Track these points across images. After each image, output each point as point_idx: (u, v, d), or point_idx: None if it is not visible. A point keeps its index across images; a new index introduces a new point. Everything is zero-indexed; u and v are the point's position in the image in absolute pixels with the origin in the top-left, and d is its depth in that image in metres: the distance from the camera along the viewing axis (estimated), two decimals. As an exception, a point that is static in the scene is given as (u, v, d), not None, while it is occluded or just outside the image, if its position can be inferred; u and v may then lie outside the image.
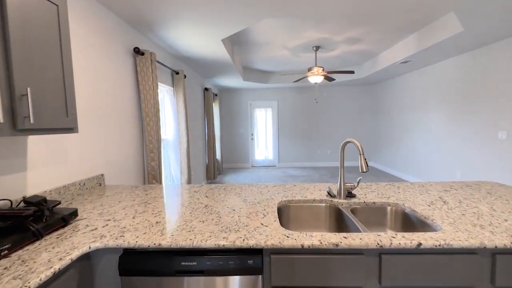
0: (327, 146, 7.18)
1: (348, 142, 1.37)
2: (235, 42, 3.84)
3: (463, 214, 1.17)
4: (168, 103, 3.47)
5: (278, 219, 1.18)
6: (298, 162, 7.25)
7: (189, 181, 3.60)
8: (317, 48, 4.09)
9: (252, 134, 7.26)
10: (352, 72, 3.91)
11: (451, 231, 1.00)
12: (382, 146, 6.44)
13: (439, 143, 4.34)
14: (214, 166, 5.50)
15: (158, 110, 2.64)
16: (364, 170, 1.26)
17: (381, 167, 6.58)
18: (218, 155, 6.23)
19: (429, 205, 1.31)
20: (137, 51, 2.38)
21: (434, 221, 1.11)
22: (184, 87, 3.52)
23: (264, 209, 1.31)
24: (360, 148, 1.28)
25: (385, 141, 6.25)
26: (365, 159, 1.27)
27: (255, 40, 3.76)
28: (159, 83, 3.07)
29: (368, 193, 1.56)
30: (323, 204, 1.46)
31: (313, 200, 1.47)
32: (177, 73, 3.43)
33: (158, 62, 2.81)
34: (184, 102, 3.51)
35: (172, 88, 3.48)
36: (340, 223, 1.39)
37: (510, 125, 3.08)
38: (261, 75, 6.04)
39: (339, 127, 7.12)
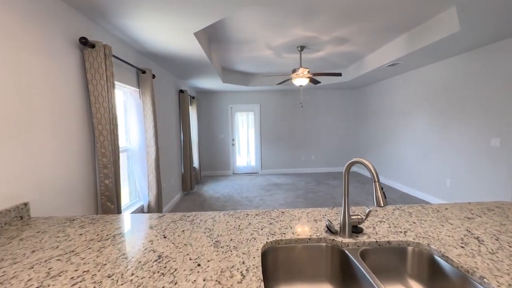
0: (312, 152, 6.93)
1: (355, 162, 1.02)
2: (213, 39, 3.44)
3: (515, 264, 0.85)
4: (133, 107, 2.98)
5: (262, 281, 0.79)
6: (282, 168, 6.94)
7: (158, 197, 3.11)
8: (302, 48, 3.79)
9: (233, 140, 6.84)
10: (340, 74, 3.65)
11: (524, 306, 0.66)
12: (368, 152, 6.29)
13: (427, 149, 4.20)
14: (191, 175, 5.02)
15: (115, 116, 2.17)
16: (382, 204, 0.91)
17: (367, 173, 6.43)
18: (196, 163, 5.74)
19: (462, 246, 0.98)
20: (85, 42, 1.91)
21: (485, 281, 0.78)
22: (152, 88, 3.05)
23: (243, 261, 0.91)
24: (374, 172, 0.93)
25: (371, 147, 6.10)
26: (382, 189, 0.92)
27: (235, 38, 3.39)
28: (118, 83, 2.59)
29: (377, 225, 1.21)
30: (323, 244, 1.10)
31: (309, 238, 1.10)
32: (144, 72, 2.96)
33: (116, 57, 2.34)
34: (153, 105, 3.04)
35: (138, 90, 3.00)
36: (346, 272, 1.03)
37: (504, 132, 2.94)
38: (242, 77, 5.67)
39: (323, 132, 6.91)
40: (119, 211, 2.19)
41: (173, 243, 1.07)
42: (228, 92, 6.70)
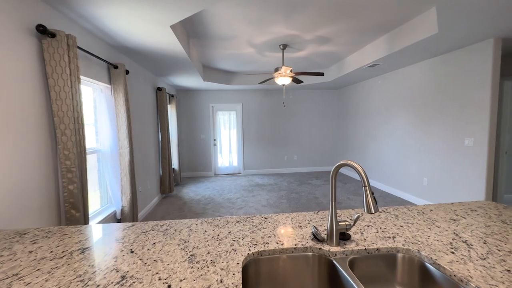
0: (294, 152, 6.93)
1: (343, 165, 0.94)
2: (192, 35, 3.27)
3: (507, 270, 0.82)
4: (104, 105, 2.75)
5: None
6: (265, 168, 6.87)
7: (133, 202, 2.90)
8: (285, 47, 3.73)
9: (214, 140, 6.67)
10: (322, 74, 3.63)
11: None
12: (349, 151, 6.39)
13: (405, 149, 4.31)
14: (170, 177, 4.79)
15: (81, 114, 1.96)
16: (373, 211, 0.84)
17: (348, 172, 6.53)
18: (175, 164, 5.51)
19: (452, 251, 0.94)
20: (43, 31, 1.69)
21: (482, 291, 0.73)
22: (126, 84, 2.83)
23: (221, 279, 0.80)
24: (364, 176, 0.86)
25: (352, 147, 6.20)
26: (373, 193, 0.85)
27: (216, 34, 3.25)
28: (85, 78, 2.36)
29: (364, 230, 1.15)
30: (309, 254, 1.01)
31: (295, 248, 1.01)
32: (116, 67, 2.74)
33: (82, 49, 2.12)
34: (126, 103, 2.82)
35: (109, 86, 2.77)
36: (334, 283, 0.95)
37: (477, 132, 3.06)
38: (223, 75, 5.52)
39: (306, 132, 6.93)
40: (86, 219, 1.98)
41: (141, 259, 0.93)
42: (209, 91, 6.51)
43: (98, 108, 2.74)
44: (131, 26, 2.31)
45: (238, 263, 0.90)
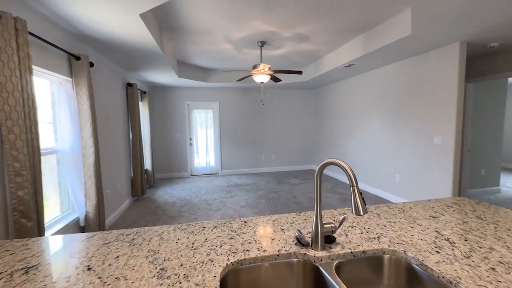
0: (272, 151, 6.91)
1: (329, 163, 0.88)
2: (165, 27, 3.08)
3: (492, 268, 0.80)
4: (64, 100, 2.47)
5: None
6: (243, 168, 6.77)
7: (99, 207, 2.65)
8: (263, 44, 3.66)
9: (190, 139, 6.43)
10: (300, 72, 3.62)
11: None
12: (325, 150, 6.50)
13: (379, 147, 4.46)
14: (142, 178, 4.51)
15: (33, 109, 1.72)
16: (361, 213, 0.78)
17: (325, 171, 6.64)
18: (148, 165, 5.22)
19: (437, 251, 0.92)
20: (-18, 11, 1.44)
21: (473, 293, 0.70)
22: (90, 78, 2.57)
23: (196, 297, 0.69)
24: (352, 175, 0.80)
25: (329, 146, 6.32)
26: (361, 194, 0.79)
27: (191, 28, 3.08)
28: (39, 69, 2.09)
29: (348, 231, 1.10)
30: (294, 260, 0.94)
31: (278, 254, 0.93)
32: (78, 58, 2.47)
33: (35, 36, 1.87)
34: (90, 99, 2.57)
35: (71, 79, 2.50)
36: (320, 291, 0.88)
37: (445, 131, 3.22)
38: (199, 72, 5.32)
39: (284, 131, 6.94)
40: (40, 229, 1.75)
41: (99, 278, 0.79)
42: (184, 88, 6.26)
43: (57, 103, 2.46)
44: (94, 13, 2.09)
45: (215, 276, 0.79)
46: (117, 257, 0.92)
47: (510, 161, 6.82)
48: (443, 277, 0.78)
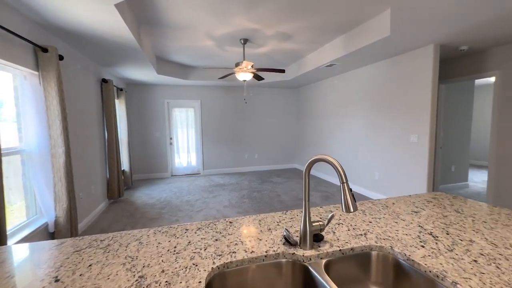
0: (255, 150, 6.89)
1: (317, 160, 0.85)
2: (143, 21, 2.93)
3: (475, 260, 0.82)
4: (29, 96, 2.26)
5: None
6: (225, 168, 6.68)
7: (71, 211, 2.46)
8: (245, 41, 3.61)
9: (171, 138, 6.23)
10: (283, 70, 3.61)
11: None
12: (308, 149, 6.59)
13: (359, 145, 4.58)
14: (119, 180, 4.30)
15: (-8, 104, 1.55)
16: (351, 210, 0.77)
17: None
18: (126, 166, 4.98)
19: (422, 245, 0.93)
20: None
21: (459, 286, 0.70)
22: (59, 72, 2.38)
23: (179, 306, 0.64)
24: (342, 172, 0.78)
25: (310, 145, 6.41)
26: (351, 190, 0.78)
27: (171, 22, 2.96)
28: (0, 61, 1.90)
29: (336, 228, 1.09)
30: (282, 261, 0.90)
31: (265, 255, 0.89)
32: (45, 50, 2.28)
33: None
34: (60, 94, 2.38)
35: (37, 73, 2.29)
36: (309, 291, 0.86)
37: (421, 130, 3.37)
38: (180, 69, 5.16)
39: (266, 130, 6.94)
40: (1, 237, 1.58)
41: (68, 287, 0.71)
42: (164, 86, 6.05)
43: (22, 99, 2.25)
44: (64, 2, 1.93)
45: (200, 282, 0.74)
46: (90, 265, 0.83)
47: (476, 158, 7.33)
48: (430, 271, 0.79)
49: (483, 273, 0.76)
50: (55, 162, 2.37)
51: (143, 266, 0.82)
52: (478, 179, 5.51)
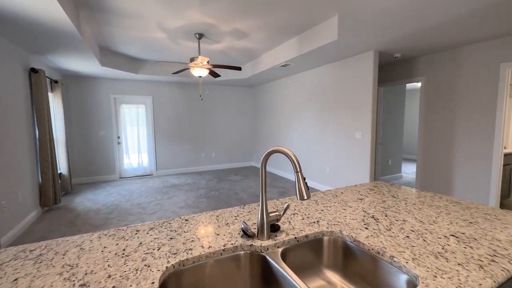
0: (212, 149, 6.76)
1: (274, 151, 0.87)
2: (83, 4, 2.62)
3: (407, 236, 0.94)
4: None
5: None
6: (181, 167, 6.41)
7: (-10, 222, 2.07)
8: (201, 36, 3.51)
9: (118, 137, 5.71)
10: (239, 68, 3.62)
11: (431, 279, 0.69)
12: (265, 147, 6.73)
13: (311, 142, 4.86)
14: (55, 184, 3.78)
15: None
16: (305, 197, 0.81)
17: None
18: (63, 168, 4.40)
19: (366, 227, 1.03)
20: None
21: (395, 259, 0.80)
22: (-30, 57, 1.97)
23: (129, 311, 0.59)
24: (296, 161, 0.81)
25: (267, 142, 6.56)
26: (305, 179, 0.81)
27: (116, 8, 2.71)
28: None
29: (291, 218, 1.14)
30: (240, 253, 0.90)
31: (223, 249, 0.88)
32: (-50, 28, 1.86)
33: None
34: (-28, 83, 1.97)
35: None
36: (268, 279, 0.88)
37: (364, 128, 3.73)
38: (129, 62, 4.77)
39: (223, 129, 6.87)
40: None
41: (-14, 311, 0.59)
42: (110, 80, 5.51)
43: None
44: (-25, -30, 1.60)
45: (153, 282, 0.69)
46: (16, 280, 0.71)
47: (408, 153, 8.44)
48: (372, 249, 0.88)
49: (413, 246, 0.87)
50: (-34, 164, 1.96)
51: (85, 274, 0.74)
52: (409, 171, 6.35)
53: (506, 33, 3.00)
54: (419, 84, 6.66)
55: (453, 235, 0.95)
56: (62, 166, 4.41)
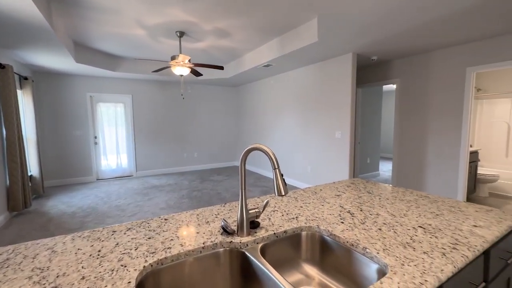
0: (194, 149, 6.67)
1: (252, 149, 0.89)
2: (55, -3, 2.49)
3: (379, 229, 1.00)
4: None
5: None
6: (162, 168, 6.26)
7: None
8: (182, 34, 3.45)
9: (95, 137, 5.48)
10: (221, 67, 3.60)
11: (399, 267, 0.74)
12: (247, 147, 6.74)
13: (294, 142, 4.94)
14: (26, 187, 3.56)
15: None
16: (283, 193, 0.83)
17: (247, 165, 6.87)
18: (35, 170, 4.15)
19: (342, 222, 1.07)
20: None
21: (368, 250, 0.84)
22: None
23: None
24: (274, 158, 0.83)
25: (250, 142, 6.57)
26: (282, 176, 0.84)
27: (92, 3, 2.60)
28: None
29: (271, 215, 1.16)
30: (220, 250, 0.91)
31: (203, 247, 0.88)
32: None
33: None
34: None
35: None
36: (247, 275, 0.89)
37: (343, 127, 3.86)
38: (106, 59, 4.59)
39: (206, 129, 6.80)
40: None
41: None
42: (86, 77, 5.27)
43: None
44: None
45: (129, 282, 0.68)
46: (-21, 286, 0.67)
47: (385, 151, 8.81)
48: (347, 241, 0.92)
49: (385, 238, 0.92)
50: None
51: (57, 276, 0.71)
52: (386, 169, 6.64)
53: (471, 39, 3.23)
54: (394, 86, 6.98)
55: (421, 227, 1.01)
56: (32, 167, 4.16)
